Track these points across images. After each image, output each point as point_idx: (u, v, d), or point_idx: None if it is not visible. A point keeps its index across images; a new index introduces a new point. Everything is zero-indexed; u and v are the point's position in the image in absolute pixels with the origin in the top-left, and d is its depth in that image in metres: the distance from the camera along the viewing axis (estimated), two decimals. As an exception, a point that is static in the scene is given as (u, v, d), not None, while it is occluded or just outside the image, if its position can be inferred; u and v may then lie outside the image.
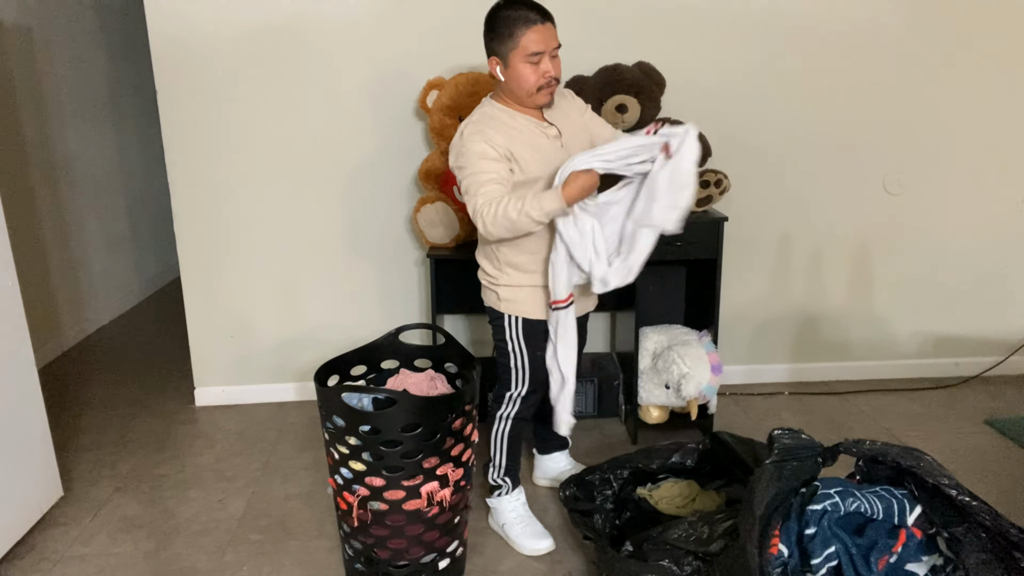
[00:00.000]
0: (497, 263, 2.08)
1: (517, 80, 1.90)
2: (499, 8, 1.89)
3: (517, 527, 2.20)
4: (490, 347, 3.16)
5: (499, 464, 2.22)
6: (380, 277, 3.07)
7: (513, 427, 2.19)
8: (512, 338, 2.10)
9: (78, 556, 2.17)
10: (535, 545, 2.16)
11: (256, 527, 2.30)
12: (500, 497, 2.24)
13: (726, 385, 3.24)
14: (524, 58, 1.87)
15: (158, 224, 4.84)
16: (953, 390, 3.21)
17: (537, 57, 1.87)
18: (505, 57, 1.89)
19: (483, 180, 1.87)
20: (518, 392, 2.15)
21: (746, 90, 2.95)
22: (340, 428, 1.82)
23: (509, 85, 1.93)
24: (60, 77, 3.80)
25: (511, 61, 1.88)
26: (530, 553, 2.16)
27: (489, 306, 2.15)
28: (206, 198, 2.92)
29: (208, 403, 3.13)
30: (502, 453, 2.21)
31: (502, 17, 1.87)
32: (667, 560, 1.78)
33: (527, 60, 1.87)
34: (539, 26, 1.86)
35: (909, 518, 1.66)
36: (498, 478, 2.23)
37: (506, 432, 2.19)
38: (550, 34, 1.88)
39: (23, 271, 3.42)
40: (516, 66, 1.88)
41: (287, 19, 2.77)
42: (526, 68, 1.88)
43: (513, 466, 2.23)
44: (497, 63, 1.91)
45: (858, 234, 3.16)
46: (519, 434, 2.22)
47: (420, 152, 2.92)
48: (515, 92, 1.93)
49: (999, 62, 3.01)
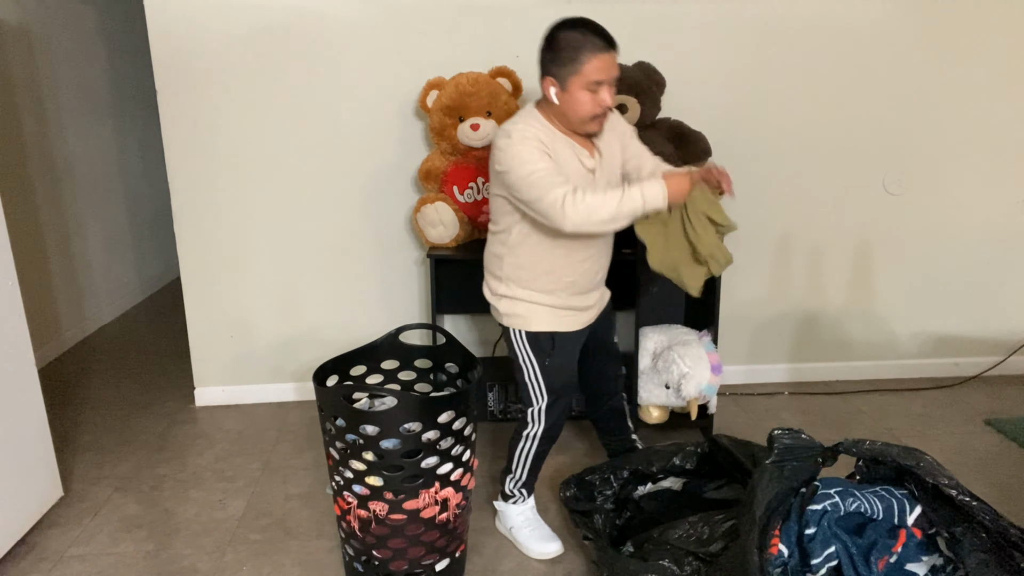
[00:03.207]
0: (498, 278, 2.04)
1: (573, 106, 1.82)
2: (565, 28, 1.80)
3: (525, 530, 2.19)
4: (490, 347, 3.18)
5: (519, 478, 2.18)
6: (380, 277, 3.07)
7: (540, 445, 2.13)
8: (520, 350, 2.06)
9: (78, 556, 2.17)
10: (544, 549, 2.15)
11: (256, 527, 2.30)
12: (511, 504, 2.23)
13: (726, 385, 3.24)
14: (585, 85, 1.79)
15: (158, 224, 4.84)
16: (953, 390, 3.21)
17: (598, 86, 1.80)
18: (564, 80, 1.80)
19: (549, 175, 1.79)
20: (539, 406, 2.08)
21: (746, 90, 2.95)
22: (340, 428, 1.82)
23: (562, 108, 1.84)
24: (60, 77, 3.80)
25: (570, 86, 1.80)
26: (539, 557, 2.14)
27: (498, 322, 2.11)
28: (206, 198, 2.92)
29: (208, 403, 3.13)
30: (524, 469, 2.16)
31: (568, 39, 1.78)
32: (667, 560, 1.78)
33: (587, 87, 1.79)
34: (605, 55, 1.78)
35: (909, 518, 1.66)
36: (515, 489, 2.21)
37: (532, 451, 2.13)
38: (613, 63, 1.81)
39: (23, 271, 3.43)
40: (574, 92, 1.80)
41: (287, 19, 2.77)
42: (584, 95, 1.80)
43: (532, 480, 2.21)
44: (552, 84, 1.82)
45: (858, 234, 3.16)
46: (545, 451, 2.17)
47: (420, 152, 2.92)
48: (567, 116, 1.86)
49: (999, 62, 3.01)
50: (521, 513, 2.22)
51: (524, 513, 2.22)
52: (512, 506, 2.22)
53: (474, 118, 2.64)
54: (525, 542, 2.18)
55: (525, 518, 2.21)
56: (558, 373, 2.06)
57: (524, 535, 2.19)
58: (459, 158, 2.75)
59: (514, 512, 2.22)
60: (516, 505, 2.22)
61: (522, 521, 2.21)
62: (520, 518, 2.21)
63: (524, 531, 2.19)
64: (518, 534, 2.20)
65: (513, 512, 2.22)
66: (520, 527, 2.20)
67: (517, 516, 2.22)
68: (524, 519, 2.21)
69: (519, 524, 2.21)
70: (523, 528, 2.20)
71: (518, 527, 2.21)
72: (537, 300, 2.01)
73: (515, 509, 2.22)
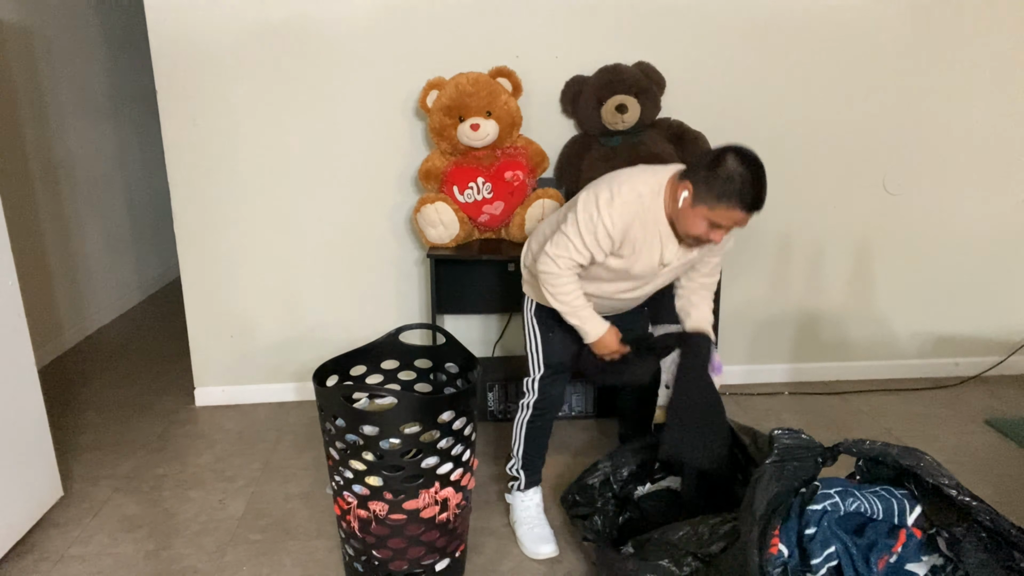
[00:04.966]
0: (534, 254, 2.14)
1: (687, 222, 1.83)
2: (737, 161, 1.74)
3: (524, 527, 2.20)
4: (490, 347, 3.18)
5: (516, 453, 2.24)
6: (380, 277, 3.07)
7: (533, 417, 2.20)
8: (528, 319, 2.18)
9: (78, 556, 2.17)
10: (536, 549, 2.16)
11: (256, 527, 2.30)
12: (516, 493, 2.25)
13: (726, 385, 3.24)
14: (707, 217, 1.80)
15: (158, 224, 4.84)
16: (953, 390, 3.21)
17: (715, 227, 1.82)
18: (696, 200, 1.80)
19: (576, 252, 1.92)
20: (535, 375, 2.18)
21: (746, 90, 2.95)
22: (340, 428, 1.82)
23: (679, 212, 1.84)
24: (60, 77, 3.80)
25: (697, 206, 1.80)
26: (530, 556, 2.16)
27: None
28: (206, 198, 2.92)
29: (208, 403, 3.13)
30: (520, 442, 2.22)
31: (729, 173, 1.74)
32: (667, 560, 1.78)
33: (709, 220, 1.80)
34: (742, 213, 1.77)
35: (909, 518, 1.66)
36: (513, 469, 2.25)
37: (525, 420, 2.20)
38: (744, 221, 1.80)
39: (23, 271, 3.43)
40: (697, 215, 1.81)
41: (287, 19, 2.77)
42: (702, 223, 1.81)
43: (531, 461, 2.23)
44: (687, 190, 1.81)
45: (858, 234, 3.16)
46: (542, 427, 2.21)
47: (420, 152, 2.92)
48: (678, 218, 1.86)
49: (999, 62, 3.01)
50: (525, 508, 2.23)
51: (528, 509, 2.23)
52: (517, 497, 2.24)
53: (474, 118, 2.64)
54: (521, 539, 2.19)
55: (527, 514, 2.22)
56: (555, 349, 2.15)
57: (522, 531, 2.20)
58: (459, 158, 2.75)
59: (519, 506, 2.24)
60: (520, 495, 2.24)
61: (523, 517, 2.22)
62: (523, 513, 2.22)
63: (523, 528, 2.21)
64: (517, 529, 2.22)
65: (518, 506, 2.24)
66: (520, 522, 2.22)
67: (520, 511, 2.23)
68: (526, 515, 2.22)
69: (520, 519, 2.22)
70: (522, 524, 2.21)
71: (518, 522, 2.22)
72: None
73: (519, 502, 2.23)
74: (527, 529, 2.20)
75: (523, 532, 2.20)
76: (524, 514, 2.23)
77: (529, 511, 2.23)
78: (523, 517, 2.22)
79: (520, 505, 2.24)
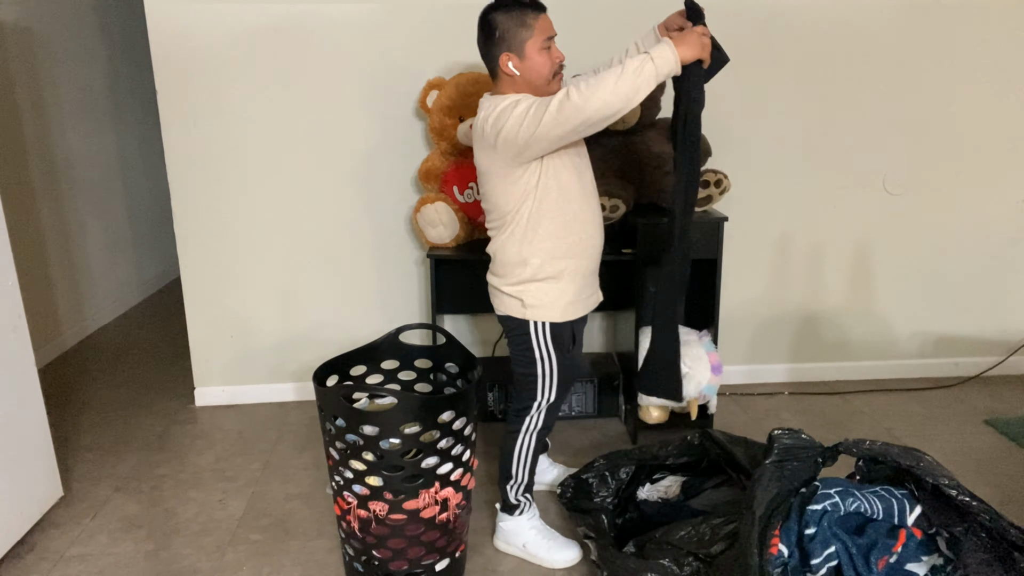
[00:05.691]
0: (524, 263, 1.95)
1: (536, 69, 1.88)
2: (497, 9, 1.88)
3: (543, 542, 2.11)
4: (490, 347, 3.17)
5: (521, 481, 2.11)
6: (380, 277, 3.07)
7: (537, 441, 2.10)
8: (539, 345, 2.00)
9: (78, 556, 2.17)
10: (566, 556, 2.09)
11: (256, 527, 2.30)
12: (517, 518, 2.14)
13: (726, 385, 3.24)
14: (541, 44, 1.86)
15: (158, 224, 4.84)
16: (953, 390, 3.21)
17: (550, 42, 1.88)
18: (521, 49, 1.86)
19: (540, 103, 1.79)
20: (546, 401, 2.05)
21: (746, 90, 2.95)
22: (340, 428, 1.82)
23: (526, 76, 1.89)
24: (60, 77, 3.80)
25: (527, 51, 1.86)
26: (563, 566, 2.08)
27: (506, 315, 2.02)
28: (206, 198, 2.92)
29: (208, 403, 3.13)
30: (525, 470, 2.10)
31: (508, 13, 1.87)
32: (667, 560, 1.78)
33: (543, 47, 1.87)
34: (544, 15, 1.89)
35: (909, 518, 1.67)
36: (520, 496, 2.13)
37: (531, 448, 2.09)
38: (550, 24, 1.91)
39: (23, 271, 3.43)
40: (533, 56, 1.87)
41: (287, 19, 2.77)
42: (542, 56, 1.87)
43: (532, 483, 2.15)
44: (510, 58, 1.88)
45: (858, 234, 3.16)
46: (540, 448, 2.13)
47: (420, 152, 2.92)
48: (533, 82, 1.89)
49: (999, 62, 3.01)
50: (532, 527, 2.13)
51: (535, 525, 2.14)
52: (521, 519, 2.13)
53: (474, 118, 2.64)
54: (546, 555, 2.09)
55: (537, 529, 2.13)
56: (571, 367, 2.07)
57: (543, 548, 2.10)
58: (459, 158, 2.75)
59: (524, 526, 2.13)
60: (524, 515, 2.14)
61: (535, 534, 2.12)
62: (532, 532, 2.12)
63: (541, 543, 2.11)
64: (536, 549, 2.11)
65: (524, 525, 2.13)
66: (535, 541, 2.11)
67: (529, 530, 2.12)
68: (536, 531, 2.13)
69: (533, 538, 2.12)
70: (539, 540, 2.11)
71: (533, 542, 2.12)
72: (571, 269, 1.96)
73: (525, 522, 2.13)
74: (547, 543, 2.11)
75: (545, 547, 2.10)
76: (534, 532, 2.13)
77: (537, 527, 2.14)
78: (535, 534, 2.12)
79: (527, 525, 2.13)
